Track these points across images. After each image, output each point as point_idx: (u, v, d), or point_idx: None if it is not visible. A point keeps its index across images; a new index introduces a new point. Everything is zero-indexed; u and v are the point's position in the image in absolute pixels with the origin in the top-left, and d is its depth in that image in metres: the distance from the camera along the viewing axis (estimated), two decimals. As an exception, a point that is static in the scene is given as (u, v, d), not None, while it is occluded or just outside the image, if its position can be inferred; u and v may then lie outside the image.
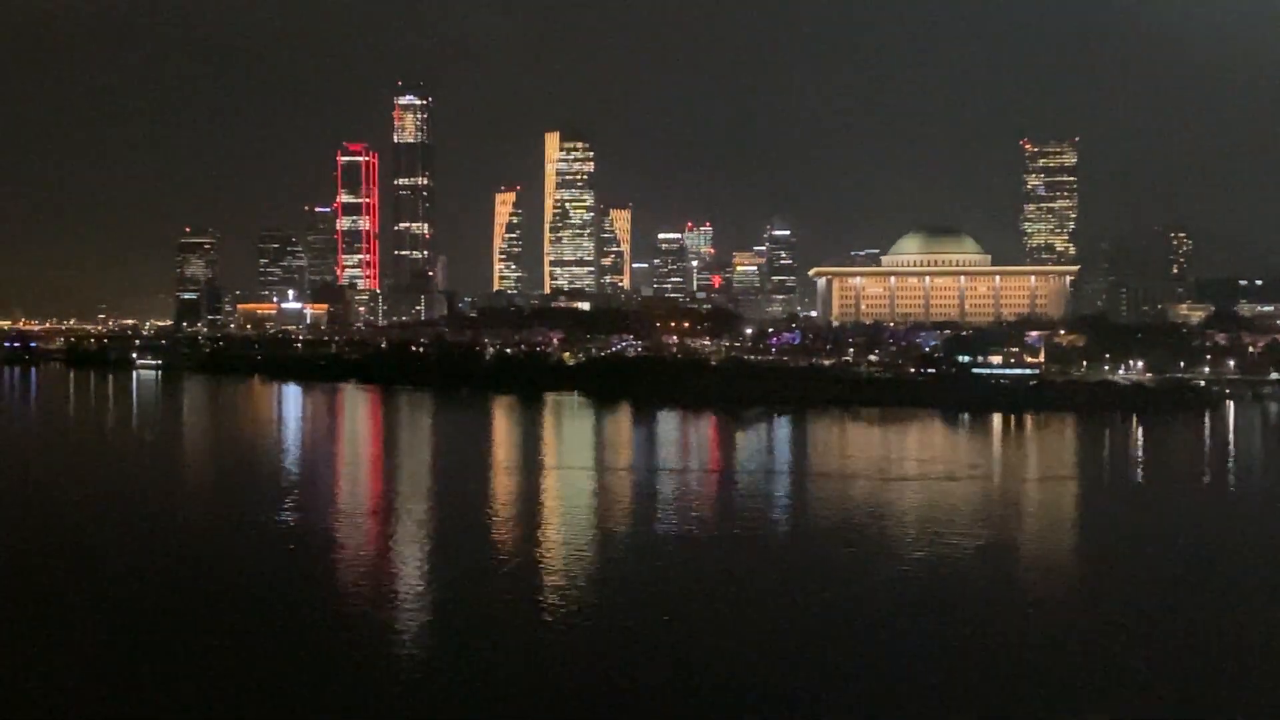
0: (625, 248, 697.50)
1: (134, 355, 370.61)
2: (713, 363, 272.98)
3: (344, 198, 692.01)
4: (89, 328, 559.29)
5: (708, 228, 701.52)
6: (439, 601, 69.37)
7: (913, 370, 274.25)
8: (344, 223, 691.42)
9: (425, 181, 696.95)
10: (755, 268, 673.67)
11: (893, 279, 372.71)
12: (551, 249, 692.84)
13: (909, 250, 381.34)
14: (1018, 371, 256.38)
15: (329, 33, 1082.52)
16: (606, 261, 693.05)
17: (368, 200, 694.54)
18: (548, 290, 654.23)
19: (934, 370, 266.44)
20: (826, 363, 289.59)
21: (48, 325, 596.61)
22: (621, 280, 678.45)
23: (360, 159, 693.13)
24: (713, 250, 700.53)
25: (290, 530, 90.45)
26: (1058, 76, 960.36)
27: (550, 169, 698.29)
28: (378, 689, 53.52)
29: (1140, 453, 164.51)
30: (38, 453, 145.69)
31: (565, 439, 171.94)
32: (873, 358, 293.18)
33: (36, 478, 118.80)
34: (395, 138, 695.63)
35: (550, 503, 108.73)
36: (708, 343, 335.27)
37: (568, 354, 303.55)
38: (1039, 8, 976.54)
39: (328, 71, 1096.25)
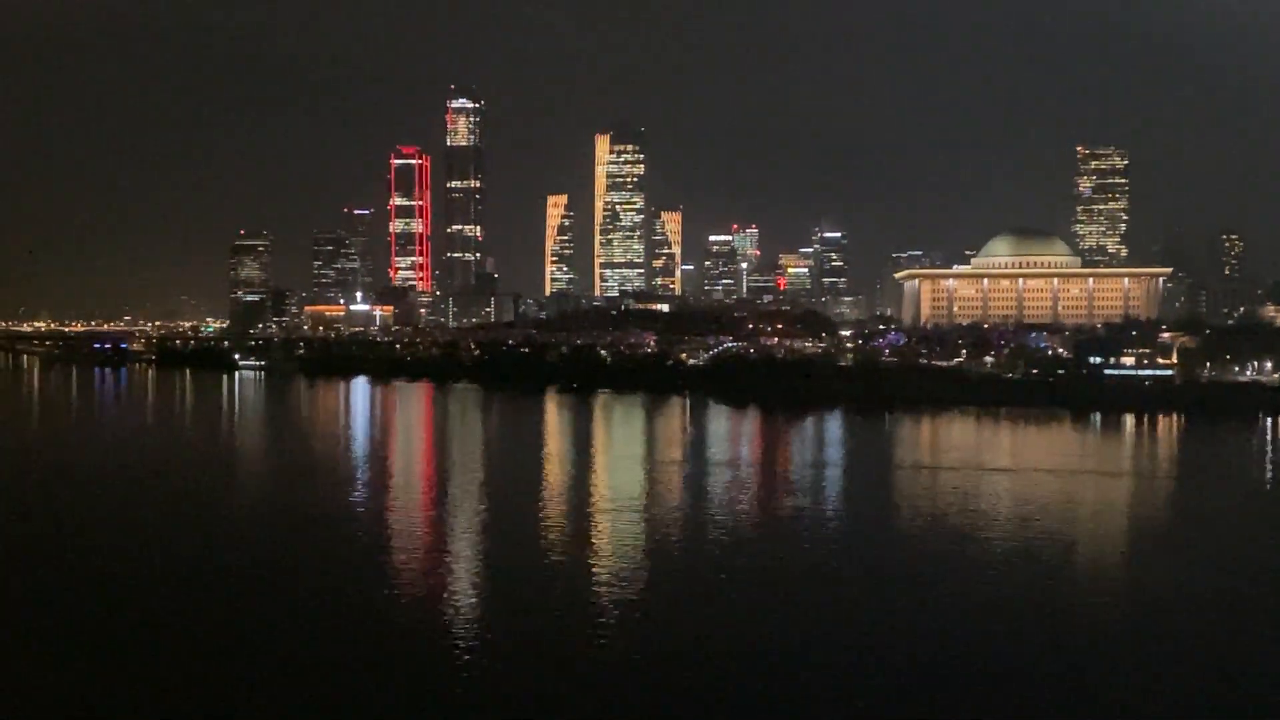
0: (676, 250, 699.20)
1: (236, 357, 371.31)
2: (841, 363, 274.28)
3: (397, 200, 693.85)
4: (141, 328, 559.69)
5: (754, 229, 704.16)
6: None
7: (1034, 371, 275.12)
8: (396, 225, 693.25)
9: (477, 184, 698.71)
10: (806, 269, 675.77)
11: (985, 281, 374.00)
12: (602, 251, 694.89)
13: (1000, 252, 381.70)
14: (1152, 372, 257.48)
15: (383, 38, 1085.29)
16: (658, 264, 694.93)
17: (420, 203, 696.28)
18: (598, 292, 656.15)
19: (1062, 371, 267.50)
20: (942, 364, 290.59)
21: (79, 326, 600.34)
22: (673, 282, 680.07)
23: (413, 162, 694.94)
24: (758, 252, 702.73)
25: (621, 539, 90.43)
26: (1109, 79, 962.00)
27: (600, 172, 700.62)
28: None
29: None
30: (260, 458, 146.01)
31: (768, 440, 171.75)
32: (988, 359, 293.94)
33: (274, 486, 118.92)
34: (448, 141, 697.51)
35: (822, 500, 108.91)
36: (809, 344, 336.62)
37: (684, 354, 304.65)
38: (1089, 11, 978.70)
39: (381, 76, 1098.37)
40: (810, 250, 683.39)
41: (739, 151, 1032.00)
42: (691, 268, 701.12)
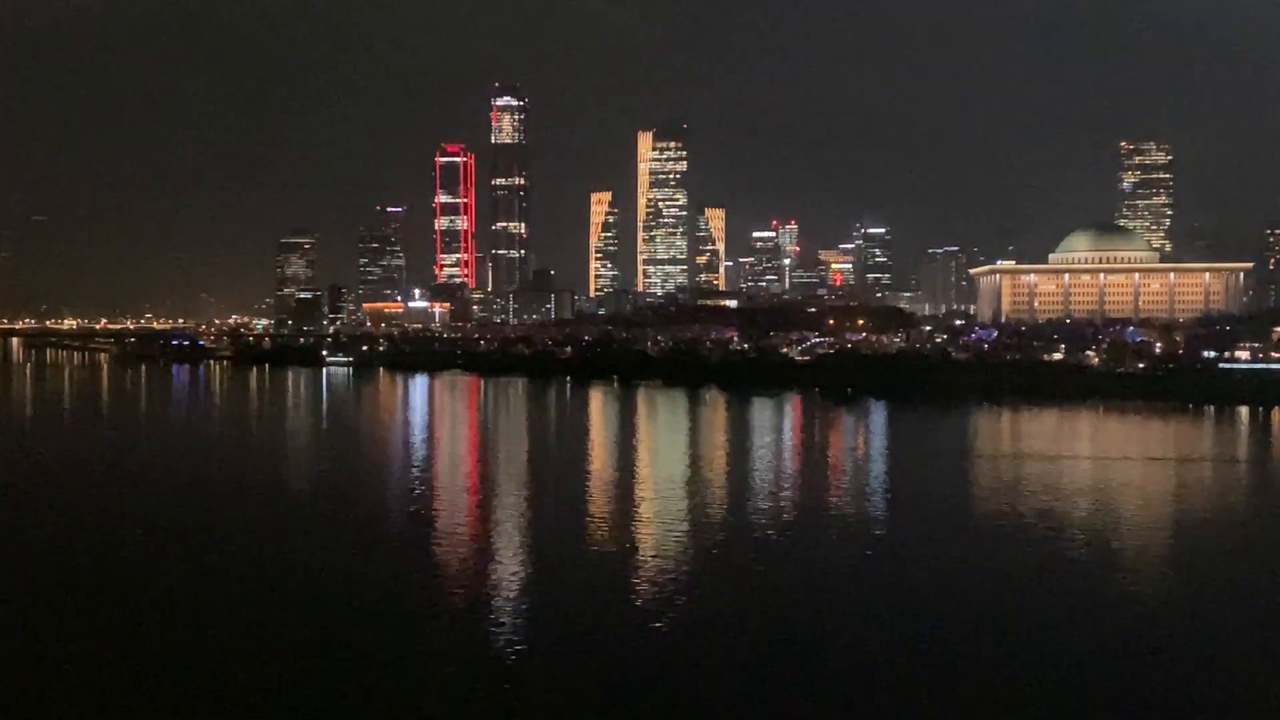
0: (720, 246, 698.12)
1: (324, 353, 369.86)
2: (953, 357, 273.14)
3: (442, 198, 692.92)
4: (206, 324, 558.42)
5: (792, 225, 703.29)
6: None
7: (1141, 365, 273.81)
8: (442, 222, 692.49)
9: (521, 181, 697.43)
10: (849, 265, 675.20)
11: (1066, 276, 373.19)
12: (645, 247, 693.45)
13: (1079, 248, 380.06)
14: (1268, 366, 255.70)
15: (426, 37, 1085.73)
16: (701, 260, 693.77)
17: (465, 200, 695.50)
18: (641, 288, 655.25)
19: (1172, 365, 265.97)
20: (1045, 358, 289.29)
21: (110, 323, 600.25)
22: (716, 278, 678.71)
23: (458, 159, 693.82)
24: (797, 248, 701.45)
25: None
26: (1152, 75, 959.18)
27: (643, 169, 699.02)
28: None
29: None
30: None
31: (939, 437, 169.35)
32: (1089, 353, 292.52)
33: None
34: (493, 138, 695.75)
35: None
36: (899, 339, 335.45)
37: (786, 349, 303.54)
38: (1132, 5, 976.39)
39: (425, 74, 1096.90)
40: (851, 246, 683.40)
41: (778, 148, 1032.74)
42: (731, 264, 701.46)
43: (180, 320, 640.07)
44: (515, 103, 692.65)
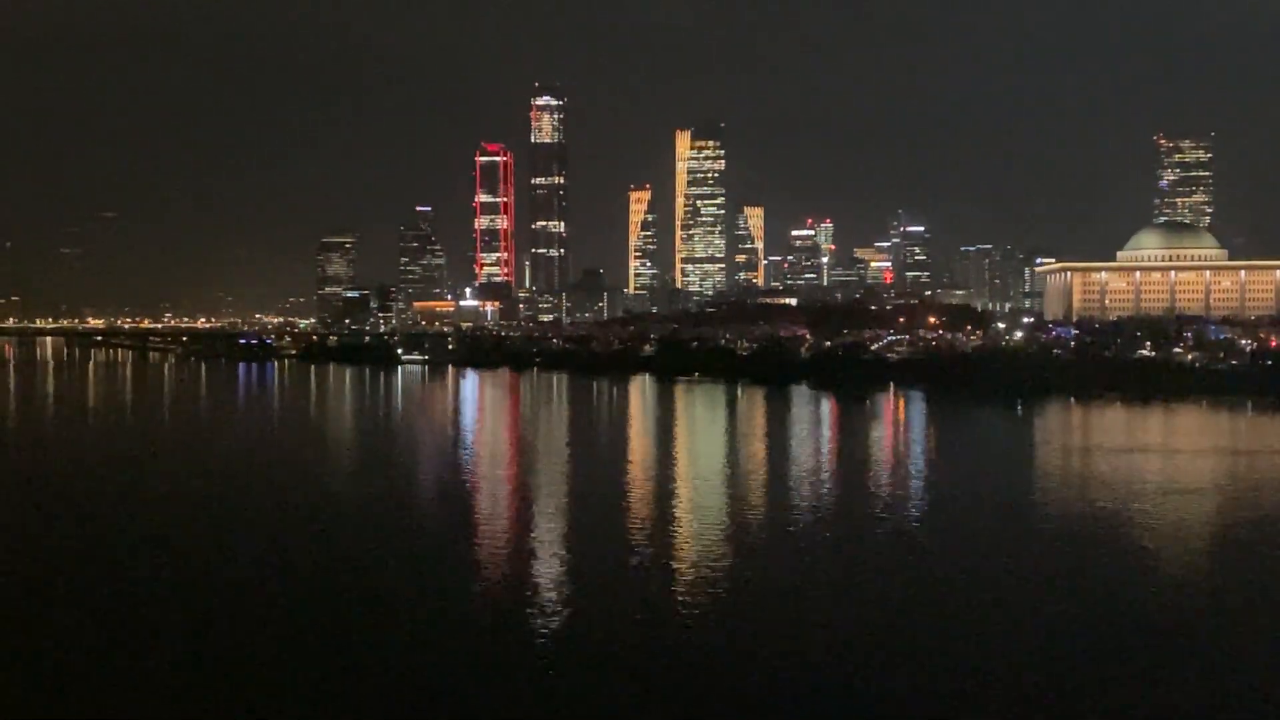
0: (759, 244, 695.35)
1: (400, 351, 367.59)
2: (1055, 353, 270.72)
3: (481, 197, 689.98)
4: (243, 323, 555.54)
5: (828, 224, 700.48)
6: None
7: (1234, 363, 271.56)
8: (482, 221, 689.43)
9: (560, 180, 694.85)
10: (888, 263, 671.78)
11: (1137, 274, 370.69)
12: (683, 246, 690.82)
13: (1149, 246, 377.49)
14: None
15: (466, 37, 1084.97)
16: (740, 259, 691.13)
17: (505, 200, 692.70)
18: (680, 287, 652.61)
19: (1271, 361, 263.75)
20: (1134, 355, 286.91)
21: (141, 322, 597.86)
22: (755, 277, 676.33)
23: (498, 159, 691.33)
24: (833, 247, 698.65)
25: None
26: (1192, 72, 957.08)
27: (681, 168, 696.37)
28: None
29: None
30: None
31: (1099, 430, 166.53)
32: (1177, 350, 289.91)
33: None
34: (532, 138, 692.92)
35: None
36: (975, 337, 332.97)
37: (875, 347, 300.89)
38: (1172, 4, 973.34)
39: (465, 75, 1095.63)
40: (887, 244, 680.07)
41: (813, 146, 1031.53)
42: (767, 263, 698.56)
43: (204, 319, 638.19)
44: (555, 102, 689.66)
